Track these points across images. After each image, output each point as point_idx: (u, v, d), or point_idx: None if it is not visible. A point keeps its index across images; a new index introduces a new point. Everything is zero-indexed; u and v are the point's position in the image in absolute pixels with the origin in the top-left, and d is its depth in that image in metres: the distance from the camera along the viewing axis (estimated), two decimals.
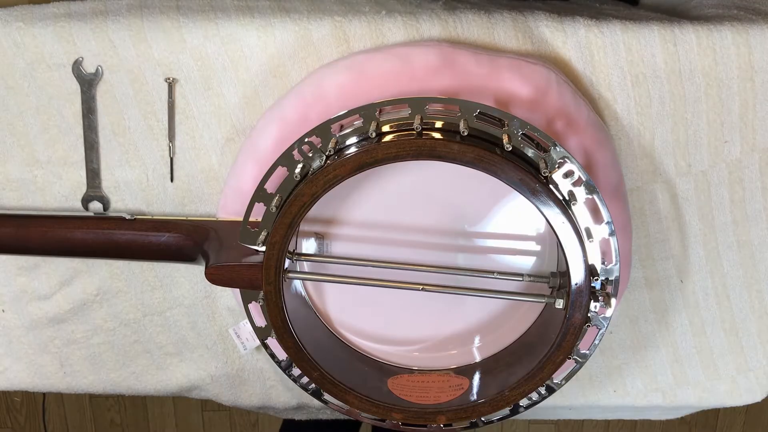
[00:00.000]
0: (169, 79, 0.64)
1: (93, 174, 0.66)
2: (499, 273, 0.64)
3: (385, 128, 0.55)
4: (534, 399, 0.63)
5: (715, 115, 0.65)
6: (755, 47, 0.63)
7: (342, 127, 0.56)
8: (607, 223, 0.56)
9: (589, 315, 0.57)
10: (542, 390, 0.62)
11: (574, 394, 0.77)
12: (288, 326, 0.59)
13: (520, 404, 0.63)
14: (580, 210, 0.55)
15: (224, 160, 0.66)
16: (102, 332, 0.73)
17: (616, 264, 0.57)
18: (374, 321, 0.68)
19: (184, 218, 0.66)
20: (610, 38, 0.62)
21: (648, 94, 0.64)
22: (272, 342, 0.62)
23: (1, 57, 0.64)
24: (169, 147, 0.66)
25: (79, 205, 0.68)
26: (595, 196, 0.55)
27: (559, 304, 0.59)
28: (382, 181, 0.63)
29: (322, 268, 0.66)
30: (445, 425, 0.63)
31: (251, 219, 0.58)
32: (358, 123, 0.55)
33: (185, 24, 0.63)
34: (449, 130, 0.54)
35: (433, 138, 0.53)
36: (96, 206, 0.68)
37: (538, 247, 0.65)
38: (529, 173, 0.53)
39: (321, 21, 0.62)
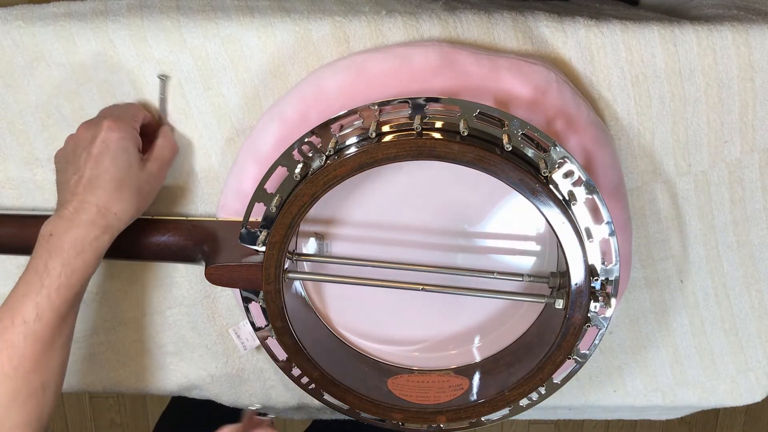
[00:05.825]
0: (162, 75, 0.63)
1: None
2: (499, 273, 0.64)
3: (385, 128, 0.54)
4: (534, 399, 0.63)
5: (715, 115, 0.65)
6: (755, 47, 0.63)
7: (342, 127, 0.56)
8: (607, 223, 0.56)
9: (589, 315, 0.57)
10: (542, 390, 0.62)
11: (574, 394, 0.77)
12: (288, 326, 0.59)
13: (520, 404, 0.63)
14: (580, 210, 0.55)
15: (224, 160, 0.66)
16: (102, 332, 0.73)
17: (616, 264, 0.57)
18: (374, 321, 0.68)
19: (184, 218, 0.66)
20: (610, 38, 0.62)
21: (648, 94, 0.64)
22: (272, 342, 0.62)
23: (1, 56, 0.64)
24: None
25: None
26: (595, 196, 0.55)
27: (559, 304, 0.59)
28: (382, 181, 0.63)
29: (322, 268, 0.66)
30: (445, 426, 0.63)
31: (251, 219, 0.58)
32: (358, 123, 0.55)
33: (185, 24, 0.62)
34: (449, 130, 0.54)
35: (433, 138, 0.53)
36: None
37: (538, 247, 0.65)
38: (529, 173, 0.53)
39: (321, 21, 0.62)
